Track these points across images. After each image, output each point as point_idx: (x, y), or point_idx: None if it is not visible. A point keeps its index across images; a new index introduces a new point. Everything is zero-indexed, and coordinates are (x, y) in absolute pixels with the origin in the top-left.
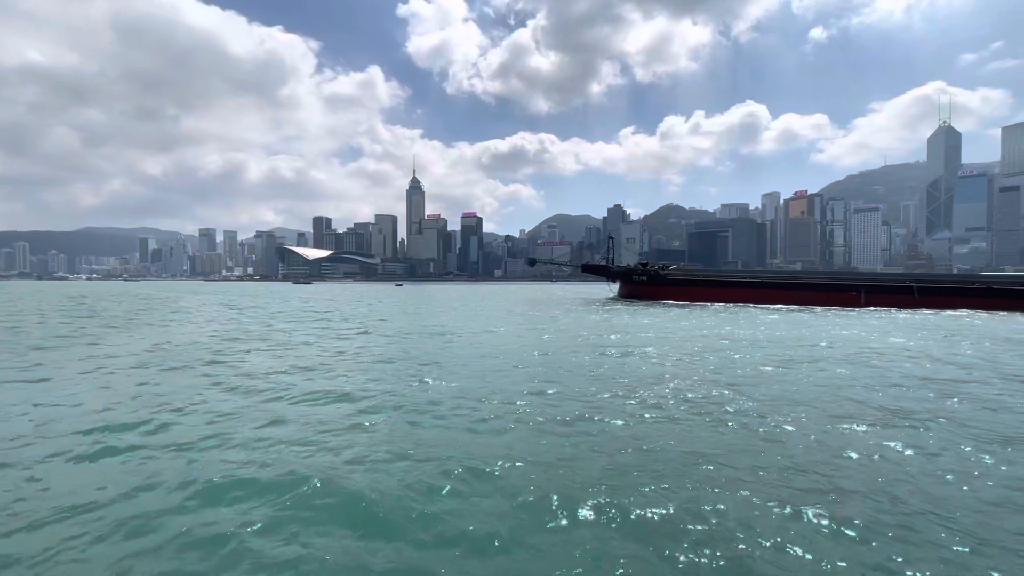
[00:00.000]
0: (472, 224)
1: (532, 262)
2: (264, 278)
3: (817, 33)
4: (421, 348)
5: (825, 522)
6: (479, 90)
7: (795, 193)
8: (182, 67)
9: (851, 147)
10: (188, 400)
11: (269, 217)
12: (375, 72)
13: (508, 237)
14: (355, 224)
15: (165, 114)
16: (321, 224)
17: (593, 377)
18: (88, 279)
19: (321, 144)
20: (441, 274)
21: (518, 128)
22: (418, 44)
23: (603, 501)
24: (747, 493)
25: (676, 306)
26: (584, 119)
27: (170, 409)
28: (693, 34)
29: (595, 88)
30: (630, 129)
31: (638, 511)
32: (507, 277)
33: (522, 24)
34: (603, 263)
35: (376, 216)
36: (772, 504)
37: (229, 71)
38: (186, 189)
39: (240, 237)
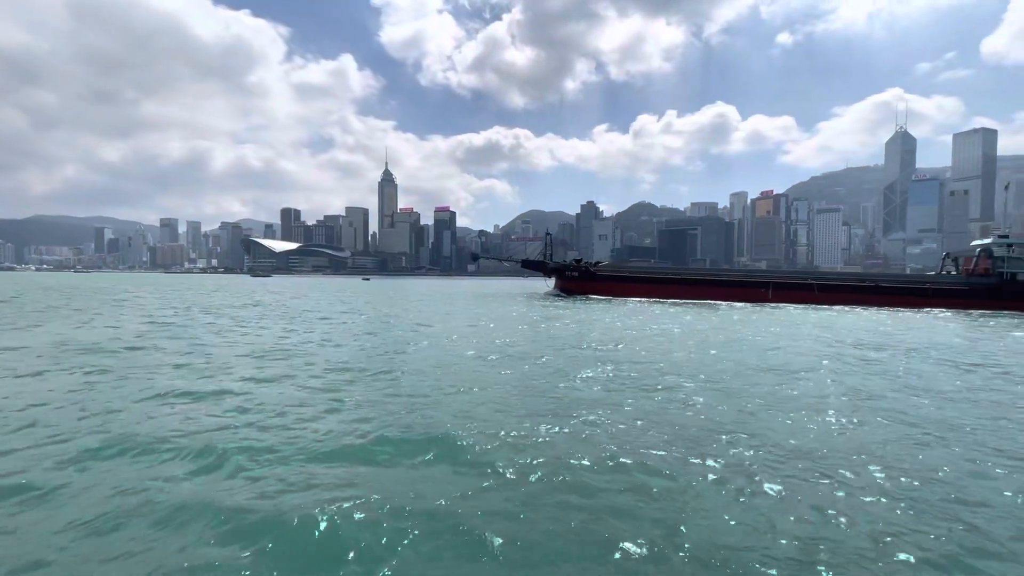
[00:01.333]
0: (445, 218)
1: (475, 257)
2: (229, 271)
3: (784, 38)
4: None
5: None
6: (454, 83)
7: (762, 193)
8: (142, 49)
9: (815, 149)
10: None
11: (236, 208)
12: (347, 61)
13: (482, 232)
14: (325, 216)
15: (124, 98)
16: (289, 216)
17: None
18: (37, 270)
19: (291, 134)
20: (413, 268)
21: (493, 122)
22: (392, 34)
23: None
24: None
25: (603, 300)
26: (559, 115)
27: None
28: (666, 34)
29: (570, 84)
30: (604, 127)
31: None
32: (480, 272)
33: (497, 18)
34: (540, 260)
35: (347, 208)
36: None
37: (193, 55)
38: (147, 177)
39: (205, 228)
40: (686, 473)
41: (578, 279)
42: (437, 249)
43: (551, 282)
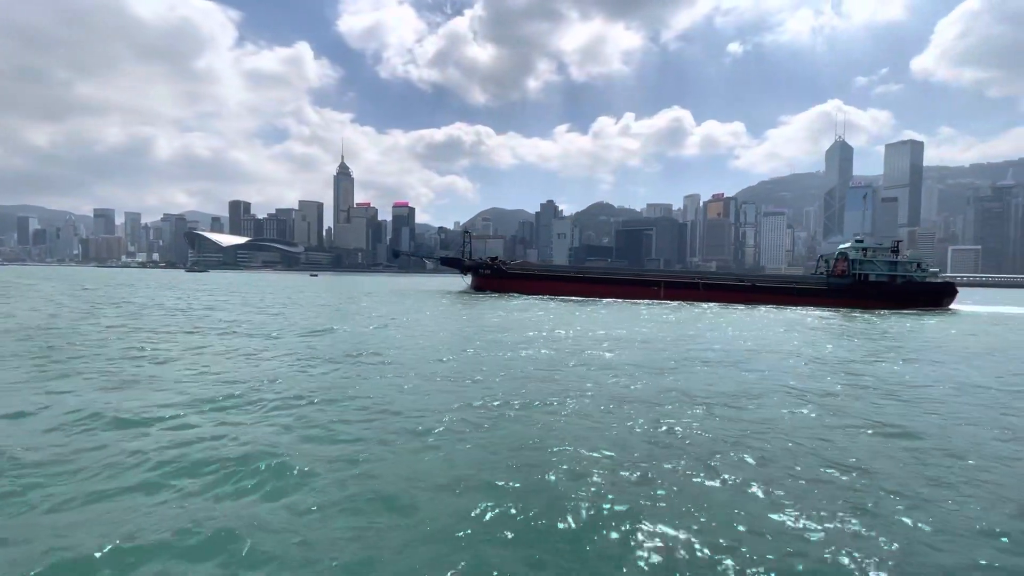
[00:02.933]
0: (404, 214)
1: (396, 254)
2: (172, 265)
3: (735, 47)
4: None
5: None
6: (415, 77)
7: (713, 196)
8: (77, 26)
9: (764, 155)
10: None
11: (182, 200)
12: (303, 48)
13: (441, 229)
14: (277, 210)
15: (55, 77)
16: (239, 209)
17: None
18: None
19: (242, 123)
20: (370, 265)
21: (454, 118)
22: (351, 23)
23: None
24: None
25: (515, 298)
26: (521, 114)
27: None
28: (626, 38)
29: (532, 83)
30: (565, 126)
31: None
32: (439, 270)
33: (459, 12)
34: (458, 257)
35: (300, 202)
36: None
37: (135, 35)
38: (80, 164)
39: (146, 220)
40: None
41: (490, 277)
42: (395, 245)
43: (468, 279)
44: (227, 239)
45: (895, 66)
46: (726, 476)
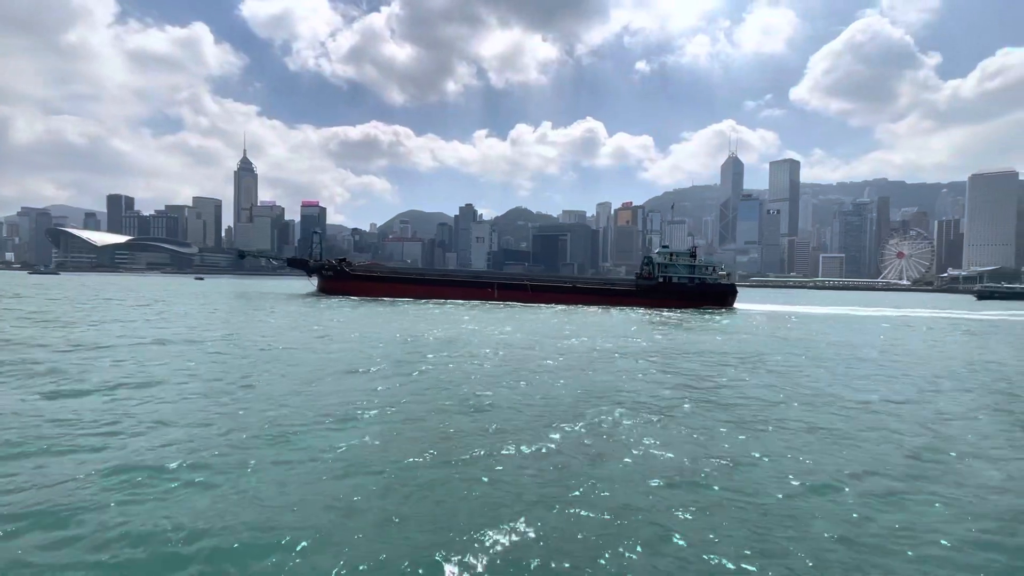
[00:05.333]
0: (314, 214)
1: (242, 255)
2: (29, 267)
3: (642, 66)
4: None
5: None
6: (327, 71)
7: (623, 204)
8: None
9: (668, 168)
10: None
11: (49, 192)
12: (200, 30)
13: (355, 230)
14: (167, 207)
15: None
16: (119, 204)
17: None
18: None
19: (126, 108)
20: (276, 268)
21: (371, 117)
22: (255, 8)
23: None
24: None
25: (357, 301)
26: (441, 116)
27: None
28: (543, 50)
29: (451, 87)
30: (484, 131)
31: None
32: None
33: (376, 9)
34: (304, 258)
35: (195, 199)
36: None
37: None
38: None
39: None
40: None
41: (333, 279)
42: (304, 248)
43: (314, 281)
44: (103, 238)
45: (777, 93)
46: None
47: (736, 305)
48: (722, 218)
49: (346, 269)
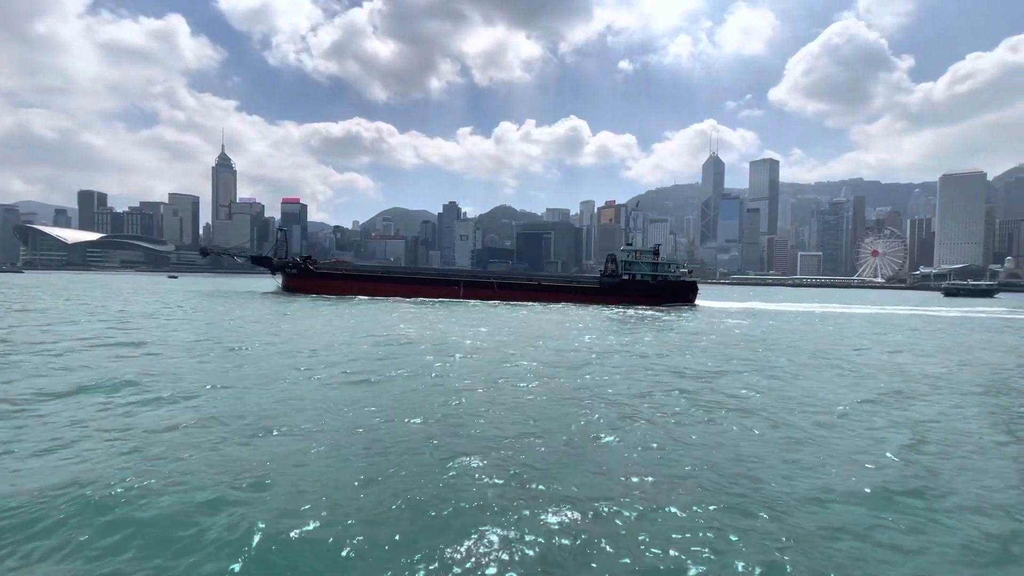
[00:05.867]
0: (295, 211)
1: (204, 252)
2: None
3: (625, 65)
4: None
5: None
6: (309, 67)
7: (606, 203)
8: None
9: (651, 167)
10: None
11: (16, 187)
12: (176, 22)
13: (337, 228)
14: (141, 203)
15: None
16: (91, 200)
17: None
18: None
19: (98, 102)
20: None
21: (353, 113)
22: (233, 1)
23: None
24: None
25: (322, 299)
26: (424, 113)
27: None
28: (527, 47)
29: (435, 84)
30: (468, 129)
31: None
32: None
33: (357, 4)
34: (268, 256)
35: (171, 195)
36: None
37: None
38: None
39: None
40: None
41: (298, 277)
42: (285, 245)
43: (279, 280)
44: (74, 235)
45: (757, 94)
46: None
47: (697, 302)
48: (703, 217)
49: (310, 267)
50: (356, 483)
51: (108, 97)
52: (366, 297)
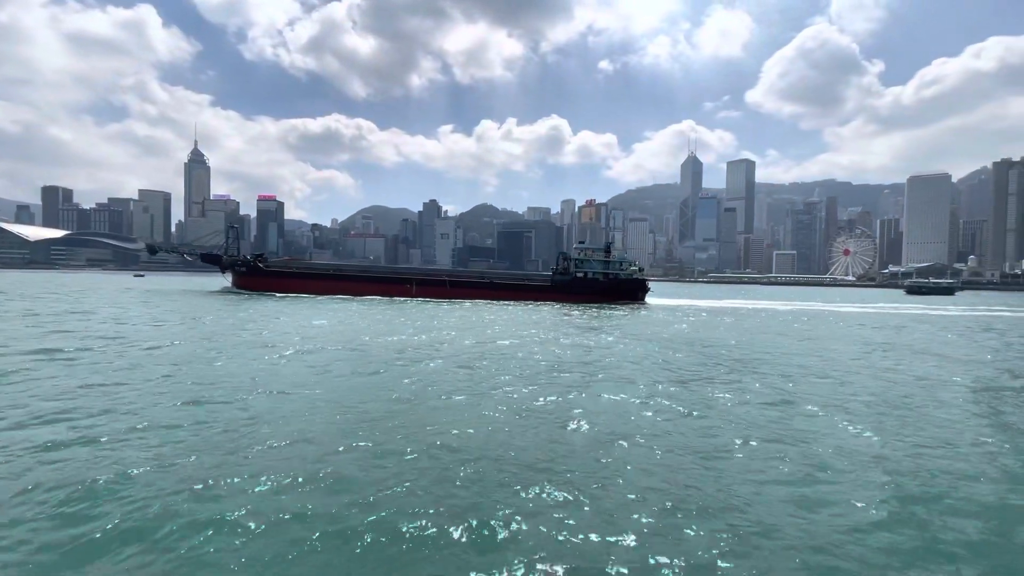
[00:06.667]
0: (271, 208)
1: (153, 250)
2: None
3: (605, 65)
4: None
5: None
6: (286, 62)
7: (587, 201)
8: None
9: (631, 166)
10: None
11: None
12: (147, 13)
13: (315, 226)
14: (110, 199)
15: None
16: (56, 196)
17: None
18: None
19: (64, 94)
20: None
21: (332, 109)
22: None
23: None
24: None
25: (271, 297)
26: (405, 110)
27: None
28: (508, 46)
29: (416, 81)
30: (449, 127)
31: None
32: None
33: None
34: (217, 254)
35: (140, 191)
36: None
37: None
38: None
39: None
40: None
41: (246, 275)
42: (261, 243)
43: (229, 278)
44: (37, 232)
45: (734, 95)
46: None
47: (650, 300)
48: (682, 216)
49: (260, 265)
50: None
51: (75, 89)
52: (320, 296)
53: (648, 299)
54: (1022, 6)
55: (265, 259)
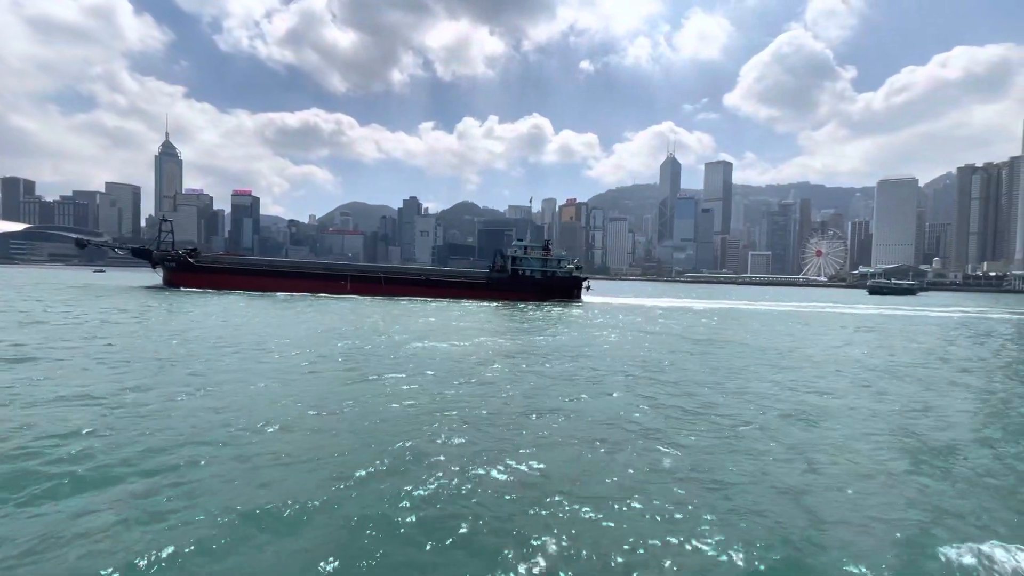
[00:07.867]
0: (246, 204)
1: (82, 244)
2: None
3: (586, 65)
4: None
5: None
6: (264, 54)
7: (567, 201)
8: None
9: (612, 166)
10: None
11: None
12: None
13: (292, 222)
14: (75, 192)
15: None
16: (17, 188)
17: None
18: None
19: (27, 81)
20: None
21: (311, 104)
22: None
23: None
24: None
25: (199, 293)
26: (386, 106)
27: None
28: (490, 43)
29: (397, 76)
30: (430, 124)
31: None
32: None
33: None
34: (148, 248)
35: (108, 184)
36: None
37: None
38: None
39: None
40: None
41: (177, 270)
42: (235, 239)
43: (160, 273)
44: None
45: (713, 98)
46: None
47: (585, 298)
48: (661, 216)
49: (190, 260)
50: None
51: (39, 77)
52: (253, 292)
53: (588, 297)
54: (986, 17)
55: (197, 254)
